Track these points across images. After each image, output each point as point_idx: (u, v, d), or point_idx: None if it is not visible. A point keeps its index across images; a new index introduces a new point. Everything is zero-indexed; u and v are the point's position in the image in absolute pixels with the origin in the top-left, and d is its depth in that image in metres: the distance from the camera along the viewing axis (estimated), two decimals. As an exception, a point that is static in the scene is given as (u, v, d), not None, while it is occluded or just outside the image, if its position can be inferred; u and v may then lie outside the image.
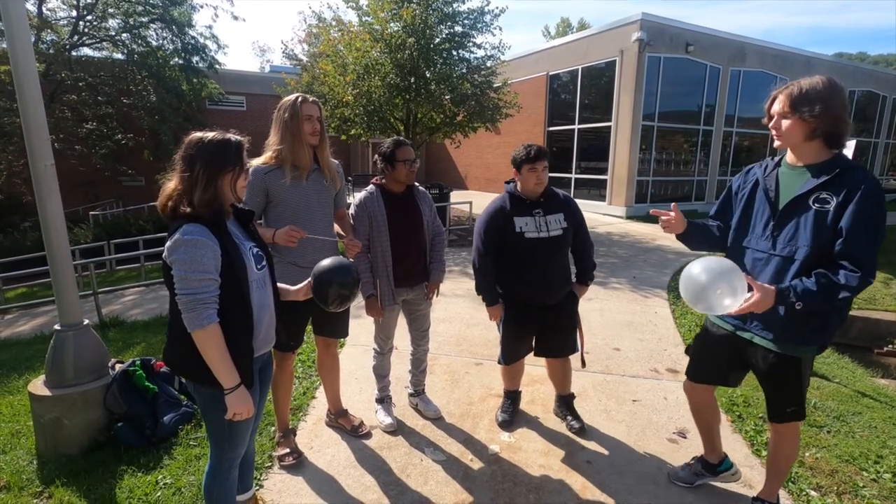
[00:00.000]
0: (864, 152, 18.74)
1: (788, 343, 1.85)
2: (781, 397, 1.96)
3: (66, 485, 2.44)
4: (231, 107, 21.04)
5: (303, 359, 3.90)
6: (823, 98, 1.69)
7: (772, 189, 1.87)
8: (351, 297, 1.90)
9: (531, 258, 2.63)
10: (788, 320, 1.80)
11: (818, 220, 1.72)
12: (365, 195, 2.74)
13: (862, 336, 7.65)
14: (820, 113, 1.68)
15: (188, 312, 1.52)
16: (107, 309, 6.41)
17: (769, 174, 1.91)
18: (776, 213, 1.84)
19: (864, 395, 3.86)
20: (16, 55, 2.49)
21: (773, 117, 1.81)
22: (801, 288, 1.67)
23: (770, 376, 1.95)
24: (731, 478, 2.42)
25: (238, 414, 1.61)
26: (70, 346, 2.72)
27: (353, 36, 10.37)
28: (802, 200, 1.77)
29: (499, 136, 16.05)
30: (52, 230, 2.68)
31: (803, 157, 1.81)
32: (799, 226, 1.76)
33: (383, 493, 2.39)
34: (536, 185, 2.63)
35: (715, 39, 13.60)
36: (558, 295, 2.74)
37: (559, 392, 3.08)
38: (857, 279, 1.63)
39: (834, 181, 1.71)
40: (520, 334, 2.84)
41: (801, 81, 1.74)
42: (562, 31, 48.35)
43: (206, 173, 1.56)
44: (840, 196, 1.68)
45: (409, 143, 2.73)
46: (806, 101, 1.70)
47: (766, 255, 1.85)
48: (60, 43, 15.19)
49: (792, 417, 1.97)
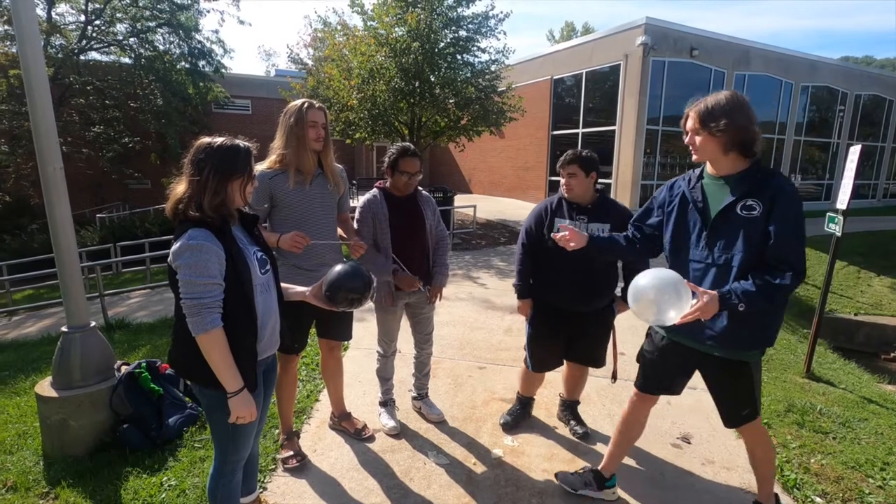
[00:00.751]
0: (870, 156, 18.63)
1: (735, 349, 1.91)
2: (734, 402, 2.02)
3: (72, 486, 2.46)
4: (237, 110, 21.18)
5: (306, 362, 3.92)
6: (727, 113, 1.78)
7: (700, 201, 1.94)
8: (360, 301, 1.89)
9: (564, 262, 2.57)
10: (732, 326, 1.86)
11: (748, 226, 1.80)
12: (368, 197, 2.77)
13: (868, 341, 7.60)
14: (725, 127, 1.78)
15: (193, 317, 1.53)
16: (113, 311, 6.45)
17: (694, 187, 1.98)
18: (708, 223, 1.91)
19: (870, 401, 3.84)
20: (26, 59, 2.52)
21: (688, 133, 1.91)
22: (741, 290, 1.74)
23: (719, 382, 2.02)
24: (611, 496, 2.37)
25: (241, 417, 1.62)
26: (77, 347, 2.74)
27: (358, 40, 10.43)
28: (731, 210, 1.84)
29: (503, 139, 16.08)
30: (60, 233, 2.70)
31: (722, 169, 1.89)
32: (732, 234, 1.84)
33: (386, 497, 2.40)
34: (565, 189, 2.63)
35: (719, 43, 13.59)
36: (589, 305, 2.67)
37: (567, 397, 3.06)
38: (790, 278, 1.73)
39: (756, 189, 1.81)
40: (545, 337, 2.80)
41: (708, 99, 1.85)
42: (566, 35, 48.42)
43: (216, 178, 1.58)
44: (765, 202, 1.78)
45: (418, 154, 2.71)
46: (712, 118, 1.80)
47: (704, 265, 1.91)
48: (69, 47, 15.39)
49: (748, 419, 2.03)
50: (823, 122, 17.25)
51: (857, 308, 8.10)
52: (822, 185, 17.88)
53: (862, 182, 18.77)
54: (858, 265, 9.87)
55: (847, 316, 7.87)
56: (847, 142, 17.43)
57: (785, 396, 3.52)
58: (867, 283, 9.28)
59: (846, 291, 8.73)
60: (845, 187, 4.10)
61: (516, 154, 17.21)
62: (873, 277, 9.52)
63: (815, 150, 17.47)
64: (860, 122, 17.81)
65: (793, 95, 15.63)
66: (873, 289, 9.01)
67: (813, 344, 4.38)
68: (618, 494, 2.40)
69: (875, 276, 9.56)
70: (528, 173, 16.88)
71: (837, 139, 17.52)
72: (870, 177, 19.17)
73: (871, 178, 19.24)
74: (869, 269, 9.81)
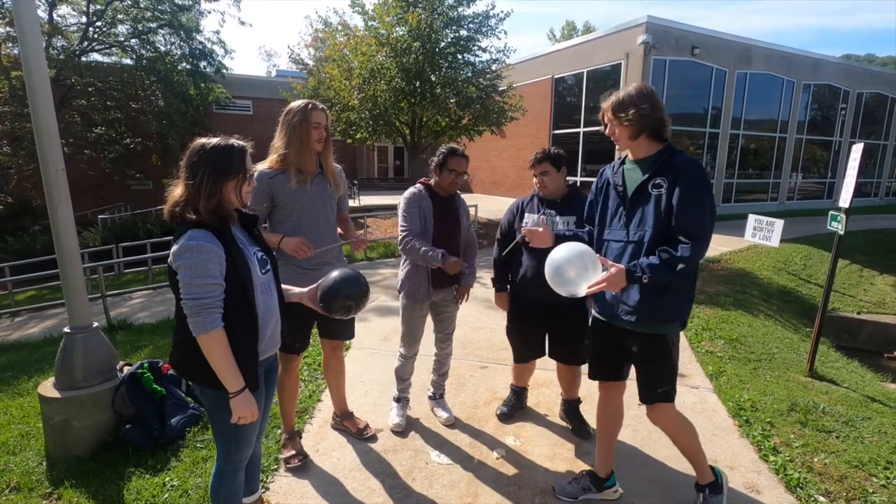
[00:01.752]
0: (872, 154, 18.58)
1: (651, 322, 2.01)
2: (652, 377, 2.10)
3: (74, 486, 2.46)
4: (238, 111, 21.22)
5: (308, 361, 3.92)
6: (634, 102, 1.94)
7: (620, 185, 2.09)
8: (356, 308, 1.90)
9: (533, 254, 2.67)
10: (644, 299, 1.97)
11: (657, 203, 1.94)
12: (414, 191, 2.83)
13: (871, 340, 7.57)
14: (633, 116, 1.93)
15: (193, 317, 1.53)
16: (115, 311, 6.47)
17: (616, 172, 2.13)
18: (625, 204, 2.05)
19: (873, 399, 3.83)
20: (28, 61, 2.53)
21: (606, 125, 2.06)
22: (646, 263, 1.86)
23: (641, 357, 2.10)
24: (613, 495, 2.37)
25: (242, 418, 1.62)
26: (79, 348, 2.74)
27: (359, 40, 10.44)
28: (643, 189, 1.99)
29: (504, 139, 16.07)
30: (62, 234, 2.71)
31: (638, 153, 2.04)
32: (644, 212, 1.98)
33: (388, 497, 2.40)
34: (539, 188, 2.74)
35: (721, 42, 13.57)
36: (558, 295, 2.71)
37: (565, 396, 3.07)
38: (689, 249, 1.83)
39: (664, 168, 1.95)
40: (521, 329, 2.90)
41: (618, 92, 2.00)
42: (567, 34, 48.36)
43: (210, 181, 1.57)
44: (669, 179, 1.92)
45: (465, 155, 2.80)
46: (621, 108, 1.96)
47: (622, 244, 2.04)
48: (70, 48, 15.43)
49: (662, 398, 2.11)
50: (825, 121, 17.21)
51: (859, 307, 8.07)
52: (825, 184, 17.84)
53: (864, 180, 18.74)
54: (861, 264, 9.84)
55: (850, 314, 7.85)
56: (849, 140, 17.38)
57: (788, 395, 3.51)
58: (870, 281, 9.25)
59: (849, 290, 8.70)
60: (848, 185, 4.08)
61: (517, 153, 17.20)
62: (876, 276, 9.49)
63: (817, 149, 17.44)
64: (862, 120, 17.77)
65: (794, 94, 15.60)
66: (876, 287, 8.99)
67: (816, 343, 4.37)
68: (620, 492, 2.39)
69: (878, 275, 9.53)
70: (529, 173, 16.71)
71: (839, 137, 17.47)
72: (872, 175, 19.13)
73: (873, 176, 19.20)
74: (872, 267, 9.78)
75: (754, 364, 4.33)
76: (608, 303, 2.11)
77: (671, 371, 2.09)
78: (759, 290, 7.26)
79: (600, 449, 2.39)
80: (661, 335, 2.03)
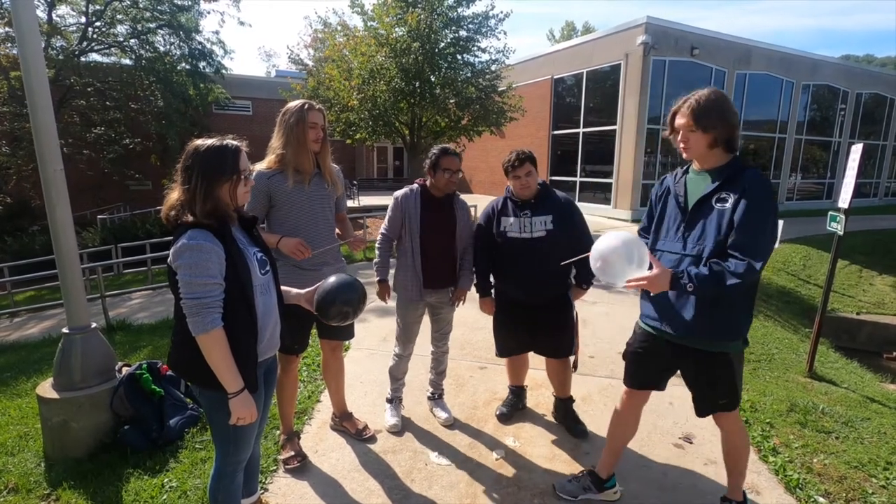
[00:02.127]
0: (871, 155, 18.60)
1: (706, 339, 1.94)
2: (711, 392, 2.03)
3: (73, 487, 2.46)
4: (237, 111, 21.21)
5: (307, 362, 3.91)
6: (717, 109, 1.85)
7: (681, 195, 2.00)
8: (353, 314, 1.89)
9: (514, 256, 2.71)
10: (699, 316, 1.89)
11: (719, 217, 1.86)
12: (405, 192, 2.84)
13: (871, 341, 7.58)
14: (717, 124, 1.85)
15: (193, 317, 1.53)
16: (114, 312, 6.46)
17: (679, 181, 2.05)
18: (686, 215, 1.97)
19: (872, 400, 3.83)
20: (26, 61, 2.52)
21: (677, 131, 1.95)
22: (694, 272, 1.80)
23: (697, 373, 2.03)
24: (613, 496, 2.36)
25: (242, 419, 1.62)
26: (78, 349, 2.74)
27: (359, 41, 10.44)
28: (706, 201, 1.91)
29: (503, 139, 16.06)
30: (60, 234, 2.70)
31: (707, 163, 1.95)
32: (705, 225, 1.90)
33: (387, 498, 2.39)
34: (522, 190, 2.70)
35: (720, 42, 13.59)
36: (542, 295, 2.76)
37: (557, 395, 3.07)
38: (743, 266, 1.75)
39: (731, 181, 1.86)
40: (507, 328, 2.93)
41: (696, 96, 1.89)
42: (566, 34, 48.39)
43: (204, 184, 1.56)
44: (736, 193, 1.83)
45: (457, 154, 2.81)
46: (705, 115, 1.85)
47: (678, 256, 1.96)
48: (70, 49, 15.41)
49: (724, 409, 2.04)
50: (824, 121, 17.23)
51: (859, 307, 8.08)
52: (824, 184, 17.85)
53: (863, 181, 18.76)
54: (860, 264, 9.84)
55: (849, 315, 7.85)
56: (848, 140, 17.40)
57: (787, 396, 3.51)
58: (869, 281, 9.26)
59: (848, 290, 8.71)
60: (847, 186, 4.08)
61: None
62: (875, 276, 9.50)
63: (817, 149, 17.46)
64: (861, 120, 17.79)
65: (794, 94, 15.61)
66: (875, 288, 8.99)
67: (815, 343, 4.37)
68: (620, 493, 2.39)
69: (877, 275, 9.53)
70: (528, 173, 16.85)
71: (839, 138, 17.49)
72: (871, 175, 19.15)
73: (872, 176, 19.22)
74: (871, 268, 9.79)
75: (754, 364, 4.33)
76: (659, 314, 2.01)
77: (732, 385, 1.99)
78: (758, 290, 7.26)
79: (607, 452, 2.36)
80: (722, 353, 1.95)
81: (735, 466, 2.18)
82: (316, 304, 1.85)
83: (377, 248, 2.89)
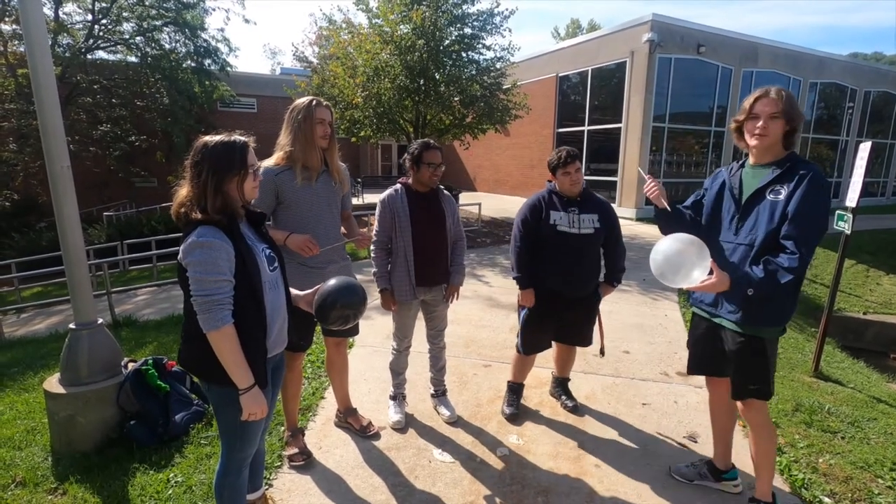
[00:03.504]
0: (879, 154, 18.44)
1: (751, 325, 2.01)
2: (744, 375, 2.07)
3: (80, 481, 2.48)
4: (242, 109, 21.23)
5: (311, 359, 3.93)
6: (796, 104, 1.96)
7: (736, 187, 2.08)
8: (353, 318, 1.85)
9: (562, 250, 2.81)
10: (749, 303, 1.97)
11: (772, 208, 1.93)
12: (390, 192, 2.83)
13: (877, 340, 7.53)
14: (798, 116, 1.94)
15: (204, 314, 1.54)
16: (119, 308, 6.50)
17: (734, 174, 2.12)
18: (739, 207, 2.05)
19: (879, 400, 3.80)
20: (34, 59, 2.54)
21: (755, 117, 1.97)
22: (752, 277, 1.87)
23: (736, 357, 2.08)
24: (733, 488, 2.40)
25: (252, 414, 1.63)
26: (84, 344, 2.76)
27: (363, 38, 10.43)
28: (761, 193, 1.98)
29: (508, 137, 16.05)
30: (67, 230, 2.72)
31: (767, 156, 2.02)
32: (758, 216, 1.97)
33: (391, 494, 2.40)
34: (572, 186, 2.81)
35: (726, 40, 13.48)
36: (585, 289, 2.90)
37: (558, 374, 3.31)
38: (796, 260, 1.81)
39: (787, 174, 1.93)
40: (541, 323, 2.96)
41: (779, 90, 1.95)
42: (572, 32, 48.16)
43: (214, 179, 1.57)
44: (790, 185, 1.90)
45: (439, 147, 2.81)
46: (792, 106, 1.93)
47: (732, 245, 2.05)
48: (76, 46, 15.45)
49: (754, 395, 2.07)
50: (832, 120, 17.08)
51: (865, 307, 8.02)
52: (831, 183, 17.66)
53: (871, 180, 18.58)
54: (867, 264, 9.77)
55: (856, 315, 7.80)
56: (856, 139, 17.25)
57: (793, 396, 3.49)
58: (876, 281, 9.19)
59: (855, 290, 8.65)
60: (855, 185, 4.05)
61: (521, 152, 17.17)
62: (882, 276, 9.42)
63: (824, 148, 17.31)
64: (869, 119, 17.63)
65: (801, 92, 15.48)
66: (882, 287, 8.93)
67: (821, 343, 4.34)
68: (741, 488, 2.41)
69: (884, 275, 9.46)
70: (533, 171, 16.84)
71: (846, 136, 17.34)
72: (879, 174, 18.98)
73: (880, 175, 19.06)
74: (878, 267, 9.72)
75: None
76: (713, 301, 2.13)
77: (765, 371, 2.05)
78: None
79: (716, 442, 2.45)
80: (758, 337, 2.02)
81: (761, 465, 2.17)
82: (315, 308, 1.81)
83: (373, 258, 2.87)
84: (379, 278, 2.86)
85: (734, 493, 2.39)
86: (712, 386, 2.36)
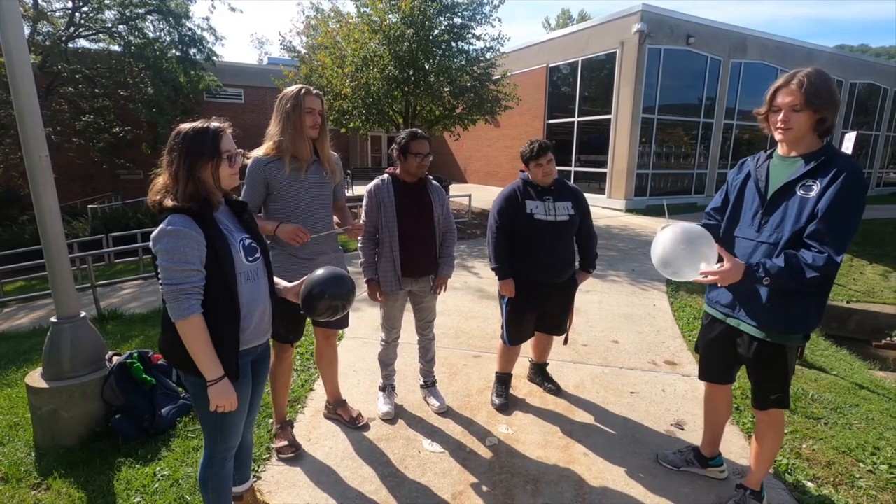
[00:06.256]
0: (864, 145, 18.68)
1: (773, 331, 1.89)
2: (767, 384, 2.00)
3: (64, 476, 2.45)
4: (229, 99, 20.94)
5: (300, 351, 3.90)
6: (828, 90, 1.72)
7: (762, 179, 1.92)
8: (342, 309, 1.79)
9: (540, 239, 2.83)
10: (772, 307, 1.84)
11: (801, 204, 1.77)
12: (377, 182, 2.80)
13: (860, 328, 7.66)
14: (828, 104, 1.73)
15: (170, 302, 1.52)
16: (105, 302, 6.41)
17: (760, 166, 1.96)
18: (765, 202, 1.89)
19: (861, 387, 3.87)
20: (8, 44, 2.46)
21: (776, 110, 1.81)
22: (769, 265, 1.72)
23: (756, 364, 1.99)
24: (719, 474, 2.43)
25: (220, 406, 1.60)
26: (67, 338, 2.71)
27: (352, 28, 10.29)
28: (790, 187, 1.82)
29: (498, 128, 16.01)
30: (47, 221, 2.66)
31: (800, 148, 1.84)
32: (786, 212, 1.81)
33: (381, 484, 2.40)
34: (544, 177, 2.85)
35: (716, 31, 13.51)
36: (563, 276, 2.94)
37: (537, 361, 3.39)
38: (823, 259, 1.66)
39: (820, 168, 1.77)
40: (523, 312, 2.98)
41: (806, 74, 1.74)
42: (562, 22, 48.03)
43: (186, 165, 1.55)
44: (823, 181, 1.73)
45: (427, 137, 2.78)
46: (817, 95, 1.71)
47: (753, 243, 1.89)
48: (56, 34, 15.08)
49: (776, 405, 2.01)
50: (818, 111, 17.23)
51: (849, 295, 8.15)
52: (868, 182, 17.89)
53: (856, 171, 18.81)
54: (852, 253, 9.92)
55: (839, 303, 7.92)
56: (841, 130, 17.46)
57: (777, 383, 3.54)
58: (860, 270, 9.34)
59: (839, 279, 8.78)
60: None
61: (512, 143, 17.13)
62: (866, 265, 9.58)
63: (810, 139, 17.48)
64: (855, 110, 17.83)
65: (788, 84, 15.57)
66: (866, 276, 9.08)
67: (806, 331, 4.40)
68: (727, 474, 2.44)
69: (868, 264, 9.62)
70: (523, 162, 16.81)
71: (832, 128, 17.51)
72: (864, 165, 19.25)
73: (865, 166, 19.32)
74: (862, 256, 9.87)
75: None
76: (731, 302, 1.98)
77: (784, 379, 1.96)
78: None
79: (706, 432, 2.44)
80: (781, 345, 1.90)
81: (762, 458, 2.13)
82: (302, 298, 1.76)
83: (360, 249, 2.85)
84: (365, 268, 2.85)
85: (720, 479, 2.43)
86: (712, 391, 2.33)
